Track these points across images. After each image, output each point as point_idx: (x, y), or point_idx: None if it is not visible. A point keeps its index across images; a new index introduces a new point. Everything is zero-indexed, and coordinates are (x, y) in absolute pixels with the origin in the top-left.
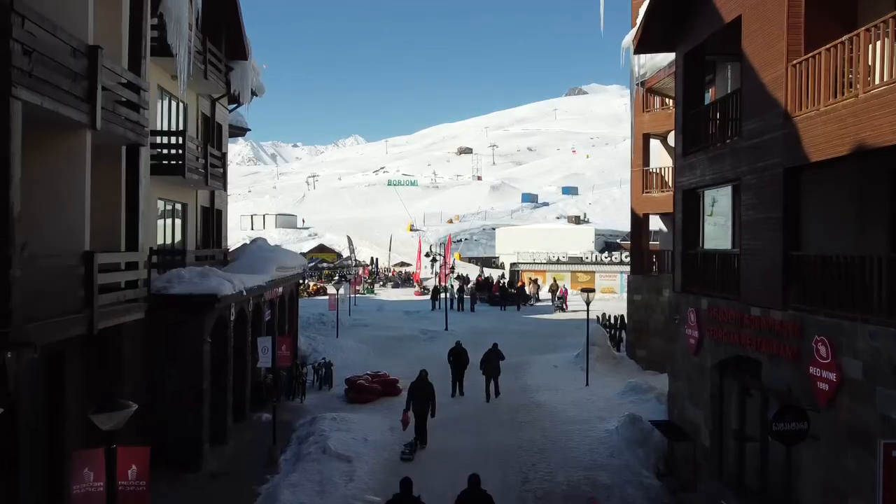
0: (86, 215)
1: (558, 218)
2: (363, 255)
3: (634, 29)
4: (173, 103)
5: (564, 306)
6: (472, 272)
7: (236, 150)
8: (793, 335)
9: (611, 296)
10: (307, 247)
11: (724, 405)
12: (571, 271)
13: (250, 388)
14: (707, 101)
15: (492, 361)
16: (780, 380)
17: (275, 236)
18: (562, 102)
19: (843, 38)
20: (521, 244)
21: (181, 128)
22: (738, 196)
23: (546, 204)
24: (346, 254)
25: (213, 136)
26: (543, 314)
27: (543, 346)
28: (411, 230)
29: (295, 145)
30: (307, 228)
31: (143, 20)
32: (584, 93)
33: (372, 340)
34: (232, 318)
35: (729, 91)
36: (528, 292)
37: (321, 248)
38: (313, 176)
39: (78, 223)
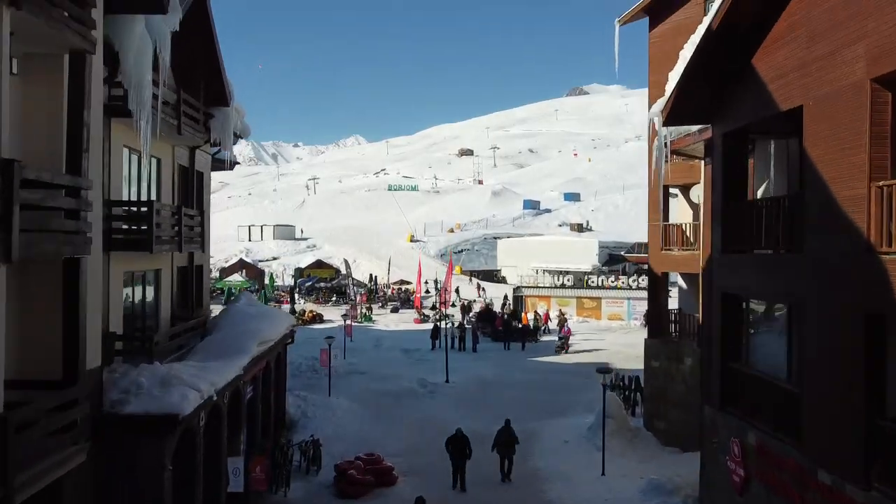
0: None
1: (560, 225)
2: (362, 269)
3: (664, 99)
4: (143, 162)
5: (566, 347)
6: (475, 290)
7: (237, 149)
8: None
9: (618, 324)
10: (305, 260)
11: None
12: (577, 297)
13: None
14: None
15: (505, 442)
16: None
17: (272, 248)
18: (563, 103)
19: None
20: (522, 256)
21: (153, 192)
22: (798, 319)
23: (548, 211)
24: (343, 270)
25: (193, 186)
26: (547, 356)
27: (552, 406)
28: (411, 241)
29: (296, 145)
30: (305, 239)
31: (84, 103)
32: (586, 93)
33: (367, 396)
34: (202, 423)
35: (772, 171)
36: (539, 325)
37: (319, 264)
38: (313, 178)
39: None
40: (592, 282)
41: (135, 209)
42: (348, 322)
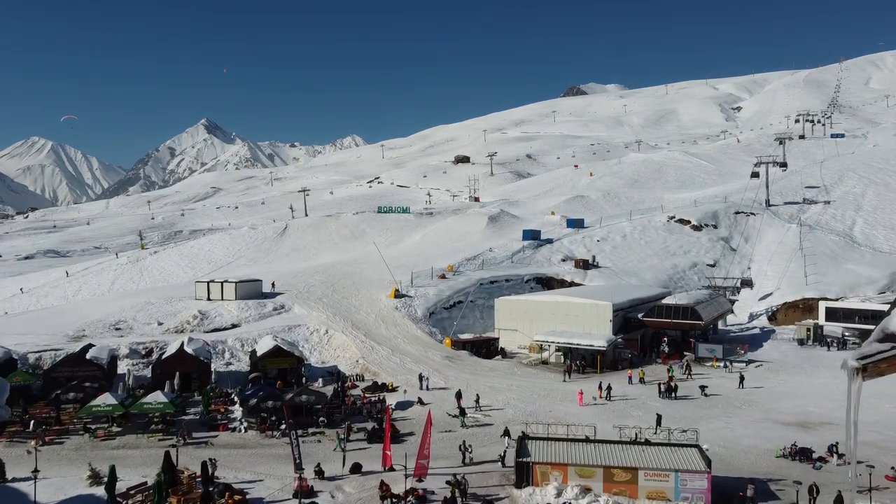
0: None
1: (564, 260)
2: (334, 345)
3: None
4: None
5: None
6: (467, 383)
7: (233, 150)
8: None
9: None
10: (264, 344)
11: None
12: (604, 466)
13: None
14: None
15: None
16: None
17: (233, 311)
18: (560, 103)
19: None
20: (524, 320)
21: None
22: None
23: (550, 241)
24: (307, 352)
25: None
26: None
27: None
28: (396, 297)
29: (293, 145)
30: (273, 298)
31: None
32: (583, 92)
33: None
34: None
35: None
36: None
37: (278, 352)
38: (304, 190)
39: None
40: (624, 437)
41: None
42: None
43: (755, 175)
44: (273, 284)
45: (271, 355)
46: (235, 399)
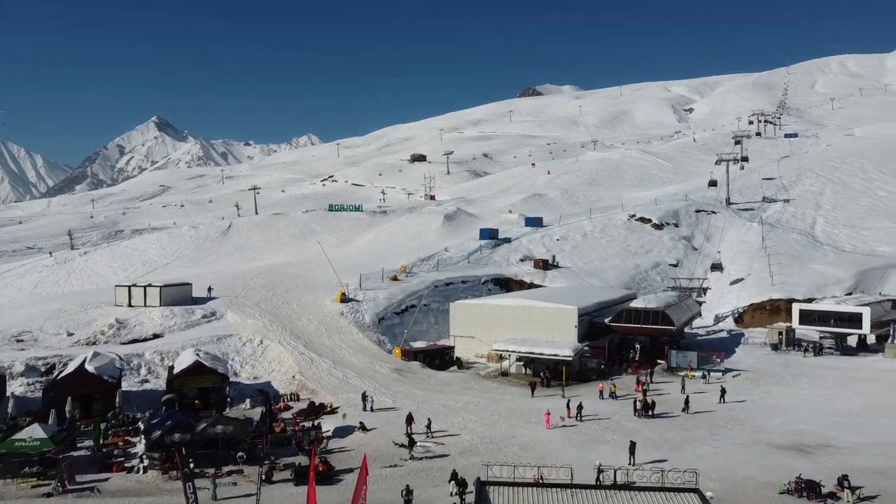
0: None
1: (522, 260)
2: (269, 357)
3: None
4: None
5: None
6: (418, 402)
7: (185, 148)
8: None
9: None
10: (186, 356)
11: None
12: None
13: None
14: None
15: None
16: None
17: (156, 319)
18: (516, 104)
19: None
20: (482, 326)
21: None
22: None
23: (508, 241)
24: (236, 365)
25: None
26: None
27: None
28: (342, 301)
29: (247, 143)
30: (204, 302)
31: None
32: (539, 93)
33: None
34: None
35: None
36: None
37: (198, 368)
38: (254, 188)
39: None
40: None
41: None
42: None
43: (713, 184)
44: (210, 289)
45: (190, 372)
46: (142, 427)
